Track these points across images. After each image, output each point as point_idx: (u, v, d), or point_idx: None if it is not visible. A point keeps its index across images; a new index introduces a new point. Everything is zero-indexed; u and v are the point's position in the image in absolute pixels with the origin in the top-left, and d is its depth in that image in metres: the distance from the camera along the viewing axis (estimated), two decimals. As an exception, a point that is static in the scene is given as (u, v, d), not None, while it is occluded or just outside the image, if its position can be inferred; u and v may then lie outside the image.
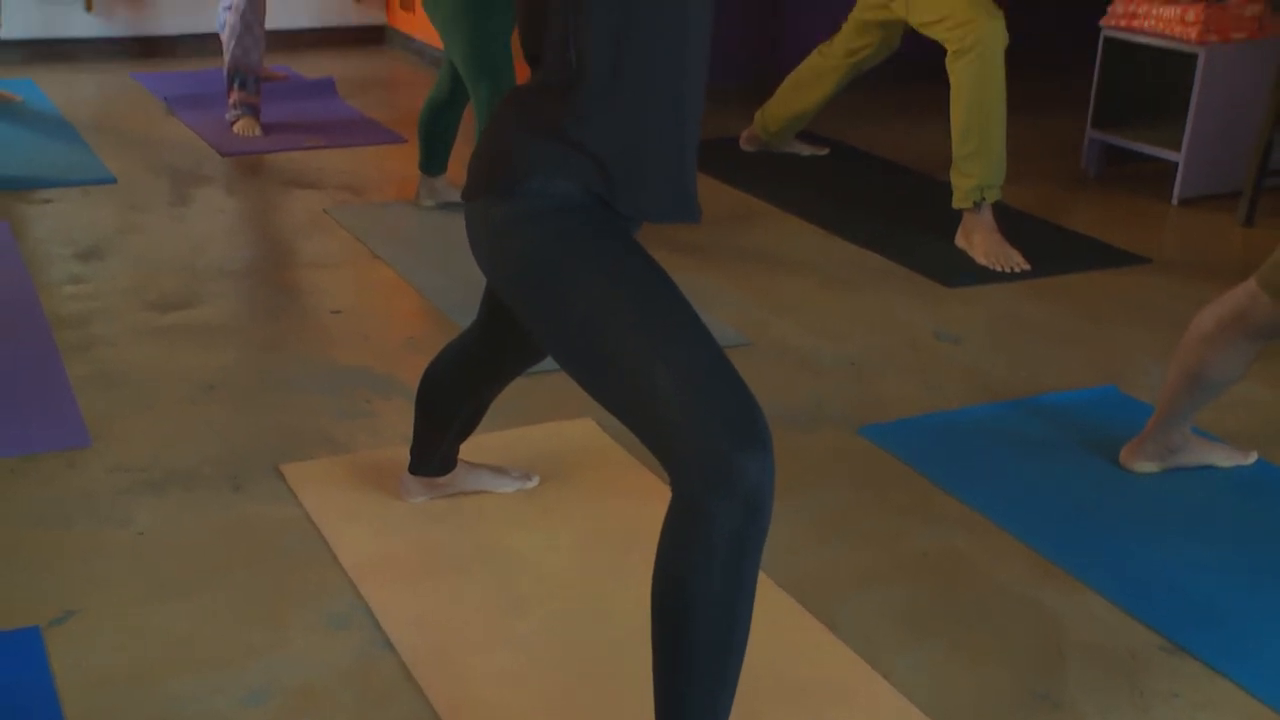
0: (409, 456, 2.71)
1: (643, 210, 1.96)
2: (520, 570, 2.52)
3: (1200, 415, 2.97)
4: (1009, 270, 4.13)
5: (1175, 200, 4.87)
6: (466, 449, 2.79)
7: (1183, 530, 2.71)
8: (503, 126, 1.95)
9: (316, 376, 3.32)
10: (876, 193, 4.94)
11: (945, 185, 4.34)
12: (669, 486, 1.81)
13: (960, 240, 4.31)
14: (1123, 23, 4.95)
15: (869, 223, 4.56)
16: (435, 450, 2.67)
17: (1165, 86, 5.05)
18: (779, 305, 3.86)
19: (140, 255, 4.14)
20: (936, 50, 4.29)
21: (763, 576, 2.35)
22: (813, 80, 5.03)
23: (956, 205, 4.28)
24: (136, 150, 5.25)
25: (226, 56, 5.43)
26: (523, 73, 1.95)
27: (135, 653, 2.25)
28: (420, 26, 6.91)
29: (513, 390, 2.72)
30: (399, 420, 3.05)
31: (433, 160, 4.55)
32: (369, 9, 7.41)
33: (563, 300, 1.86)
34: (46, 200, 4.61)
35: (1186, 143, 4.80)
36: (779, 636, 2.31)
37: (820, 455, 3.00)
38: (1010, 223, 4.38)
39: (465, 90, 4.28)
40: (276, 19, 6.60)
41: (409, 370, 3.22)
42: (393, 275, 4.02)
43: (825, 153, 5.40)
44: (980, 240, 4.24)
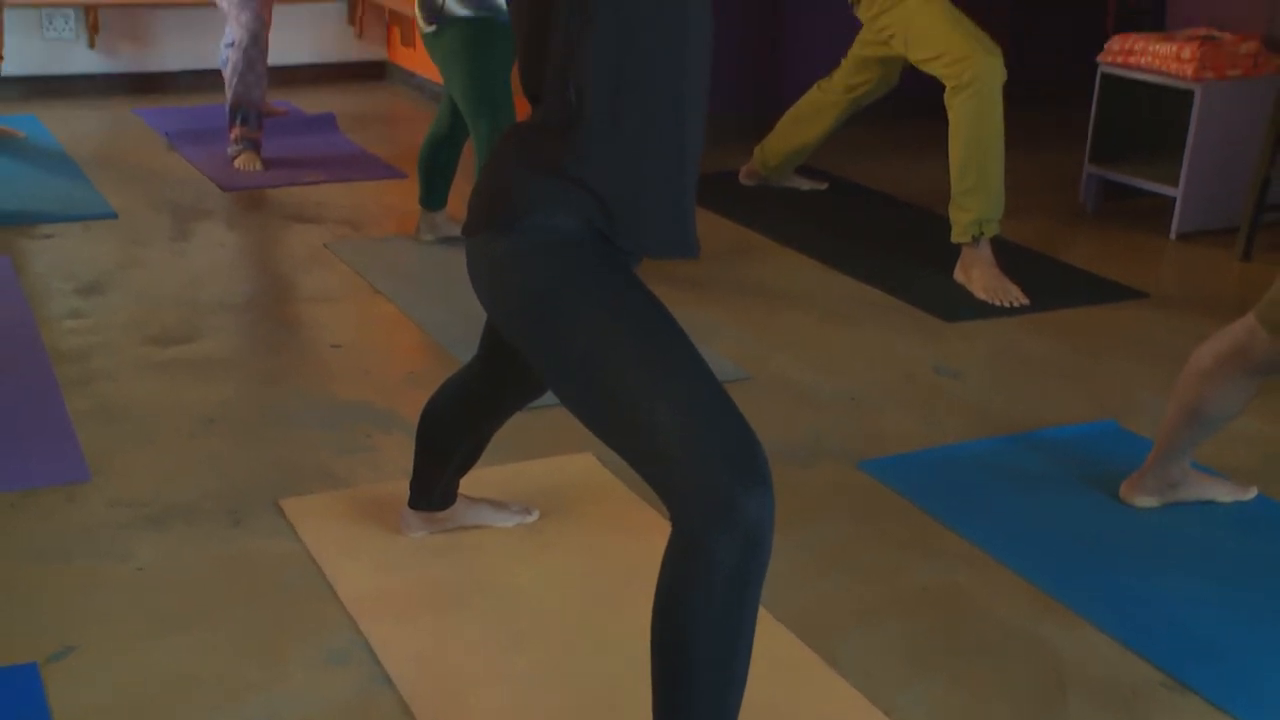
0: (409, 491, 2.71)
1: (643, 245, 1.97)
2: (520, 605, 2.52)
3: (1200, 450, 2.97)
4: (1008, 305, 4.14)
5: (1173, 235, 4.89)
6: (466, 484, 2.79)
7: (1183, 565, 2.71)
8: (503, 163, 1.96)
9: (316, 411, 3.32)
10: (876, 227, 4.96)
11: (944, 220, 4.35)
12: (669, 521, 1.81)
13: (959, 275, 4.32)
14: (1119, 59, 4.97)
15: (868, 257, 4.57)
16: (435, 485, 2.67)
17: (1162, 122, 5.08)
18: (778, 340, 3.86)
19: (141, 290, 4.15)
20: (935, 86, 4.32)
21: (762, 611, 2.34)
22: (812, 115, 5.06)
23: (955, 240, 4.29)
24: (138, 185, 5.27)
25: (229, 93, 5.46)
26: (522, 109, 1.96)
27: (134, 689, 2.25)
28: (421, 62, 6.95)
29: (513, 425, 2.72)
30: (399, 455, 3.05)
31: (433, 195, 4.57)
32: (370, 45, 7.46)
33: (563, 335, 1.87)
34: (48, 235, 4.63)
35: (1184, 178, 4.82)
36: (779, 672, 2.31)
37: (820, 490, 3.00)
38: (1009, 257, 4.40)
39: (465, 126, 4.30)
40: (278, 55, 6.62)
41: (409, 405, 3.23)
42: (393, 310, 4.03)
43: (824, 187, 5.42)
44: (979, 275, 4.25)
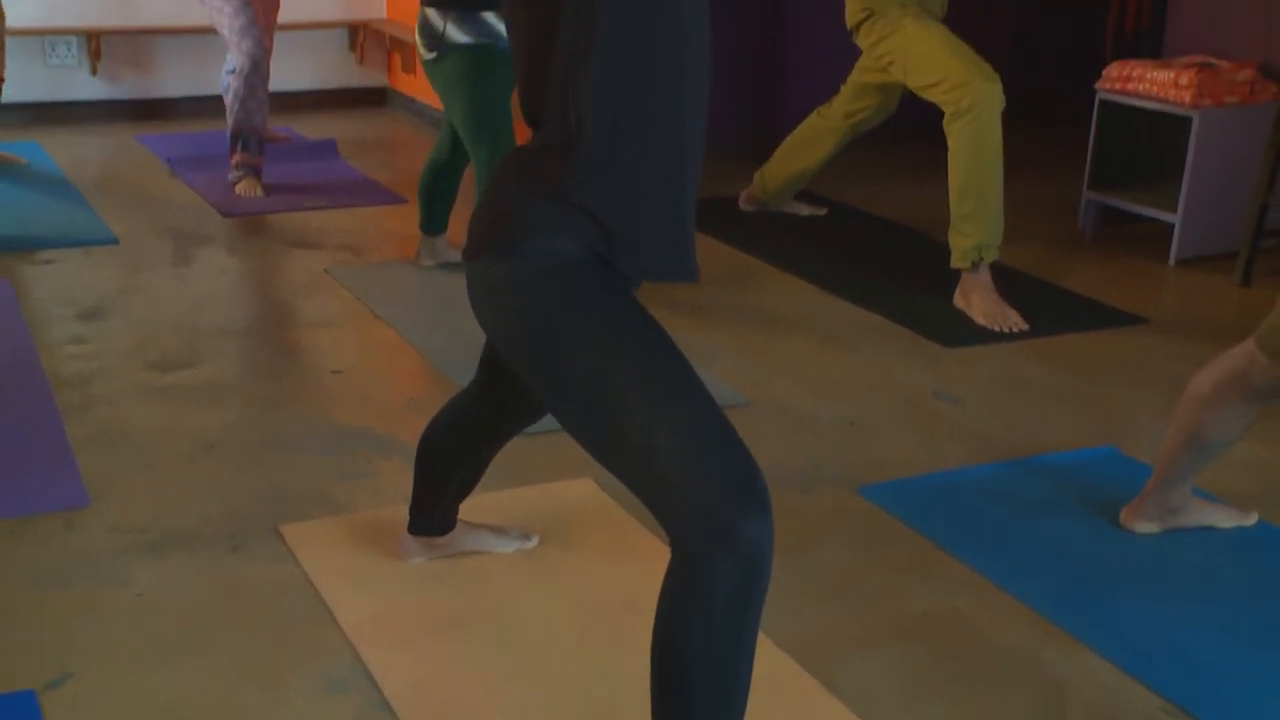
0: (408, 516, 2.71)
1: (643, 269, 1.97)
2: (520, 631, 2.52)
3: (1201, 475, 2.96)
4: (1007, 330, 4.15)
5: (1172, 261, 4.90)
6: (466, 509, 2.79)
7: (1184, 591, 2.70)
8: (503, 187, 1.97)
9: (317, 436, 3.32)
10: (875, 252, 4.97)
11: (943, 245, 4.36)
12: (669, 546, 1.80)
13: (959, 300, 4.32)
14: (1117, 86, 4.99)
15: (868, 282, 4.58)
16: (434, 510, 2.67)
17: (1160, 149, 5.09)
18: (778, 365, 3.87)
19: (142, 315, 4.15)
20: (934, 111, 4.33)
21: (762, 637, 2.34)
22: (812, 141, 5.08)
23: (954, 265, 4.30)
24: (139, 211, 5.29)
25: (230, 119, 5.48)
26: (522, 134, 1.96)
27: (132, 715, 2.24)
28: (421, 88, 6.98)
29: (512, 450, 2.72)
30: (399, 480, 3.05)
31: (433, 221, 4.58)
32: (371, 71, 7.49)
33: (563, 358, 1.87)
34: (48, 261, 4.64)
35: (1182, 204, 4.83)
36: (778, 697, 2.30)
37: (820, 515, 2.99)
38: (1008, 283, 4.40)
39: (465, 152, 4.32)
40: (280, 81, 6.66)
41: (410, 430, 3.23)
42: (393, 335, 4.04)
43: (824, 213, 5.43)
44: (978, 300, 4.25)
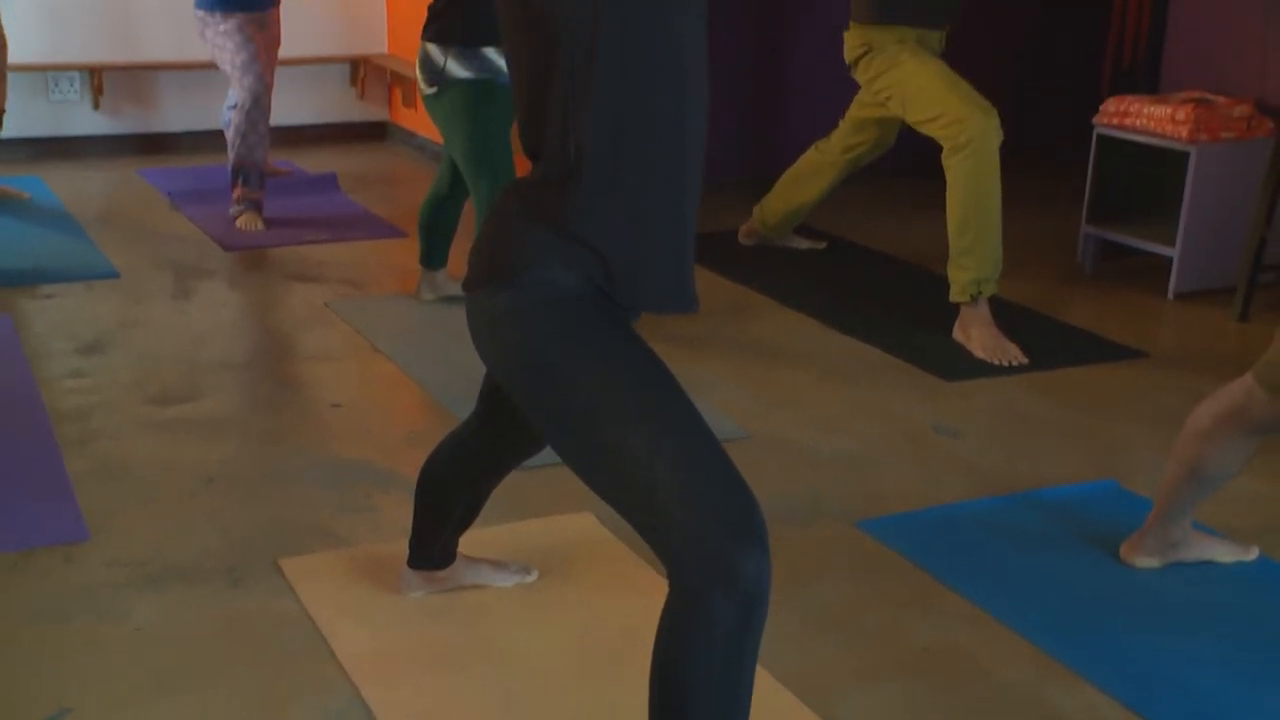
0: (408, 550, 2.71)
1: (642, 301, 1.98)
2: (519, 666, 2.51)
3: (1201, 510, 2.96)
4: (1007, 364, 4.15)
5: (1171, 295, 4.91)
6: (466, 543, 2.78)
7: (1185, 626, 2.70)
8: (503, 219, 1.98)
9: (317, 470, 3.32)
10: (874, 286, 4.98)
11: (942, 279, 4.37)
12: (667, 580, 1.80)
13: (958, 334, 4.33)
14: (1115, 121, 5.02)
15: (867, 316, 4.59)
16: (434, 543, 2.67)
17: (1158, 183, 5.11)
18: (777, 398, 3.87)
19: (142, 349, 4.16)
20: (932, 145, 4.35)
21: (761, 671, 2.34)
22: (810, 175, 5.10)
23: (954, 299, 4.31)
24: (140, 245, 5.30)
25: (231, 154, 5.50)
26: (522, 169, 1.97)
27: (130, 750, 2.23)
28: (421, 123, 7.01)
29: (511, 484, 2.72)
30: (399, 514, 3.05)
31: (433, 254, 4.59)
32: (371, 105, 7.52)
33: (563, 390, 1.87)
34: (49, 295, 4.65)
35: (1181, 238, 4.85)
36: (780, 734, 2.29)
37: (819, 549, 2.99)
38: (1007, 317, 4.41)
39: (465, 185, 4.34)
40: (281, 115, 6.69)
41: (410, 464, 3.23)
42: (394, 369, 4.04)
43: (823, 247, 5.44)
44: (978, 334, 4.26)
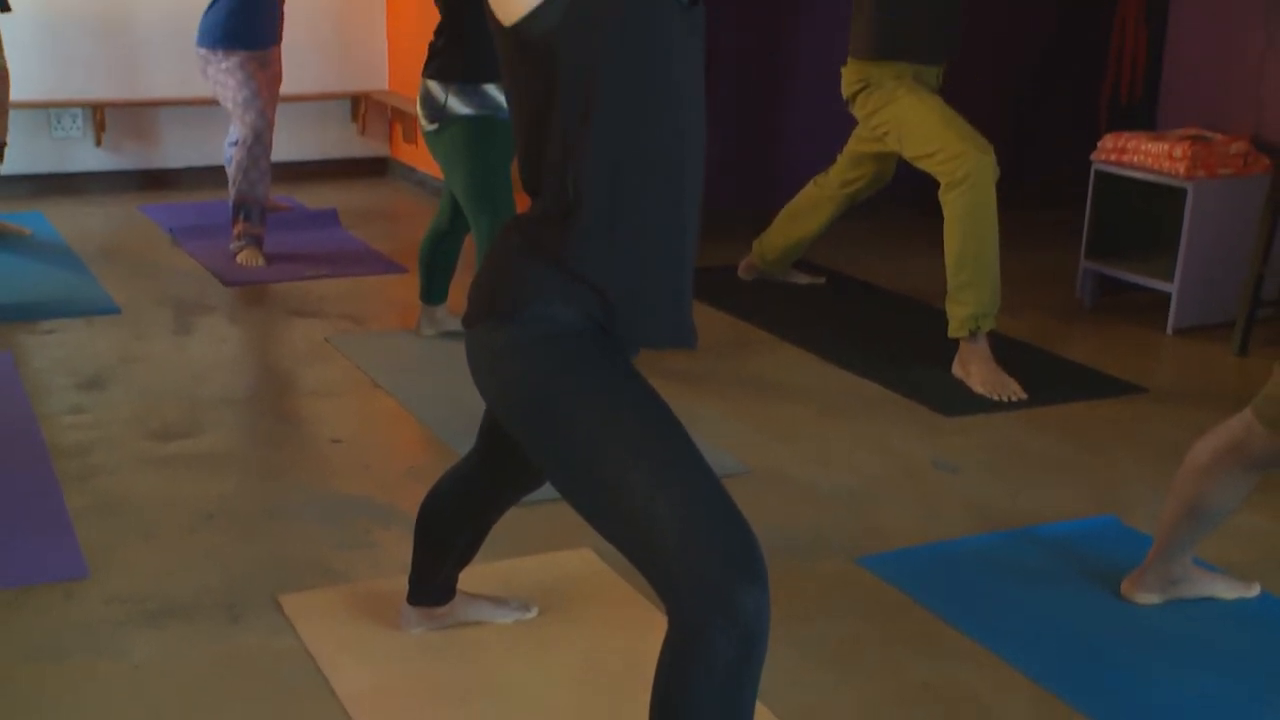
0: (408, 587, 2.70)
1: (641, 336, 1.99)
2: (519, 703, 2.50)
3: (1202, 546, 2.96)
4: (1006, 399, 4.15)
5: (1170, 330, 4.91)
6: (465, 579, 2.78)
7: (1186, 662, 2.69)
8: (503, 254, 1.99)
9: (316, 506, 3.32)
10: (873, 321, 4.99)
11: (941, 314, 4.38)
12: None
13: (957, 369, 4.33)
14: (1113, 157, 5.04)
15: (866, 351, 4.59)
16: (434, 579, 2.67)
17: (1156, 219, 5.13)
18: (777, 433, 3.87)
19: (142, 385, 4.16)
20: (930, 181, 4.37)
21: (762, 708, 2.33)
22: (809, 210, 5.12)
23: (952, 334, 4.32)
24: (141, 280, 5.31)
25: (232, 190, 5.53)
26: (523, 205, 1.99)
27: (128, 788, 2.22)
28: (422, 158, 7.04)
29: (511, 520, 2.72)
30: (399, 550, 3.04)
31: (433, 290, 4.60)
32: (372, 141, 7.55)
33: (562, 426, 1.88)
34: (50, 331, 4.65)
35: (1179, 274, 4.86)
36: (780, 771, 2.29)
37: (819, 585, 2.98)
38: (1006, 352, 4.42)
39: (465, 221, 4.35)
40: (283, 151, 6.72)
41: (410, 500, 3.22)
42: (394, 404, 4.04)
43: (822, 282, 5.46)
44: (977, 369, 4.26)
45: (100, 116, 6.81)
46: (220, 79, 5.46)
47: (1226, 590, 2.94)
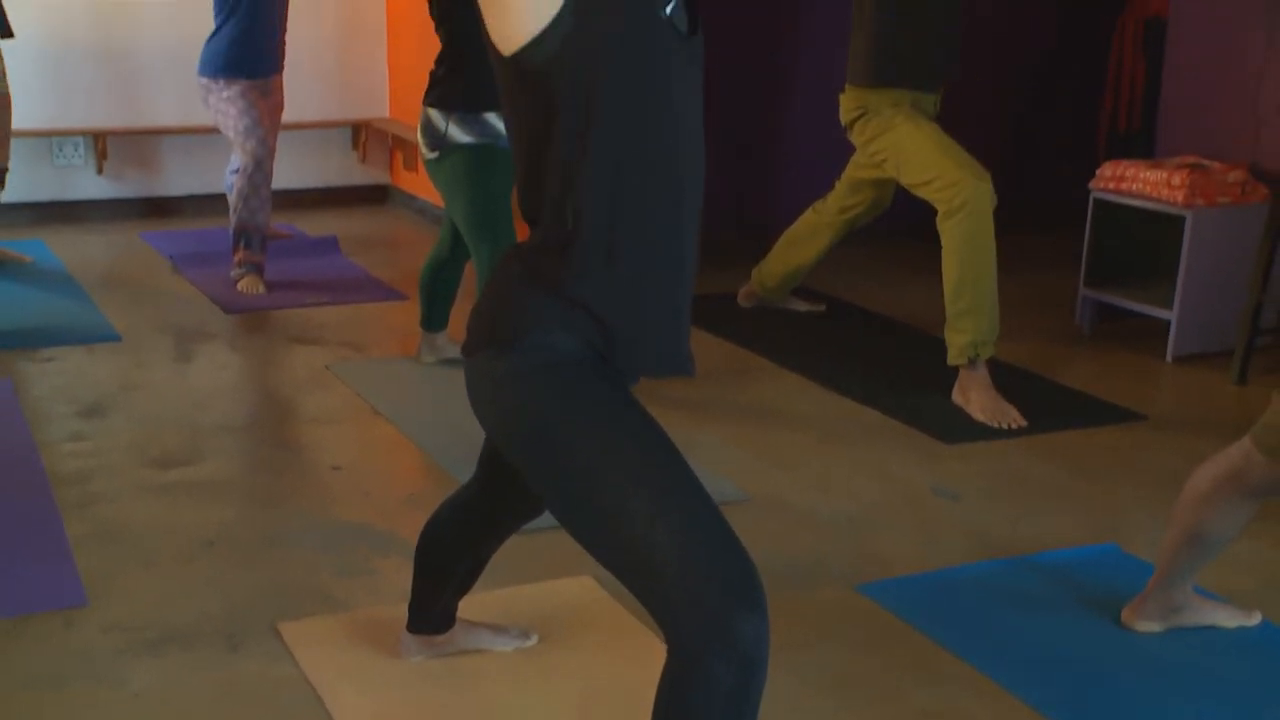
0: (407, 615, 2.70)
1: (639, 365, 1.99)
2: (518, 731, 2.49)
3: (1203, 574, 2.95)
4: (1006, 427, 4.16)
5: (1169, 357, 4.92)
6: (465, 607, 2.78)
7: (1187, 691, 2.69)
8: (503, 283, 1.99)
9: (316, 533, 3.32)
10: (873, 349, 5.00)
11: (940, 341, 4.39)
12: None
13: (957, 396, 4.34)
14: (1111, 185, 5.06)
15: (866, 378, 4.60)
16: (434, 607, 2.66)
17: (1155, 246, 5.14)
18: (777, 460, 3.87)
19: (143, 412, 4.16)
20: (928, 208, 4.39)
21: (763, 738, 2.32)
22: (808, 237, 5.13)
23: (952, 362, 4.32)
24: (142, 308, 5.32)
25: (233, 217, 5.54)
26: (523, 232, 2.00)
27: (126, 817, 2.22)
28: (422, 186, 7.06)
29: (510, 547, 2.72)
30: (399, 578, 3.04)
31: (434, 317, 4.61)
32: (373, 169, 7.58)
33: (561, 455, 1.88)
34: (50, 358, 4.66)
35: (1178, 302, 4.87)
36: (781, 800, 2.28)
37: (819, 612, 2.98)
38: (1006, 379, 4.42)
39: (466, 248, 4.36)
40: (283, 179, 6.74)
41: (410, 527, 3.22)
42: (394, 431, 4.05)
43: (822, 309, 5.46)
44: (976, 396, 4.27)
45: (102, 145, 6.83)
46: (222, 107, 5.48)
47: (1228, 619, 2.94)
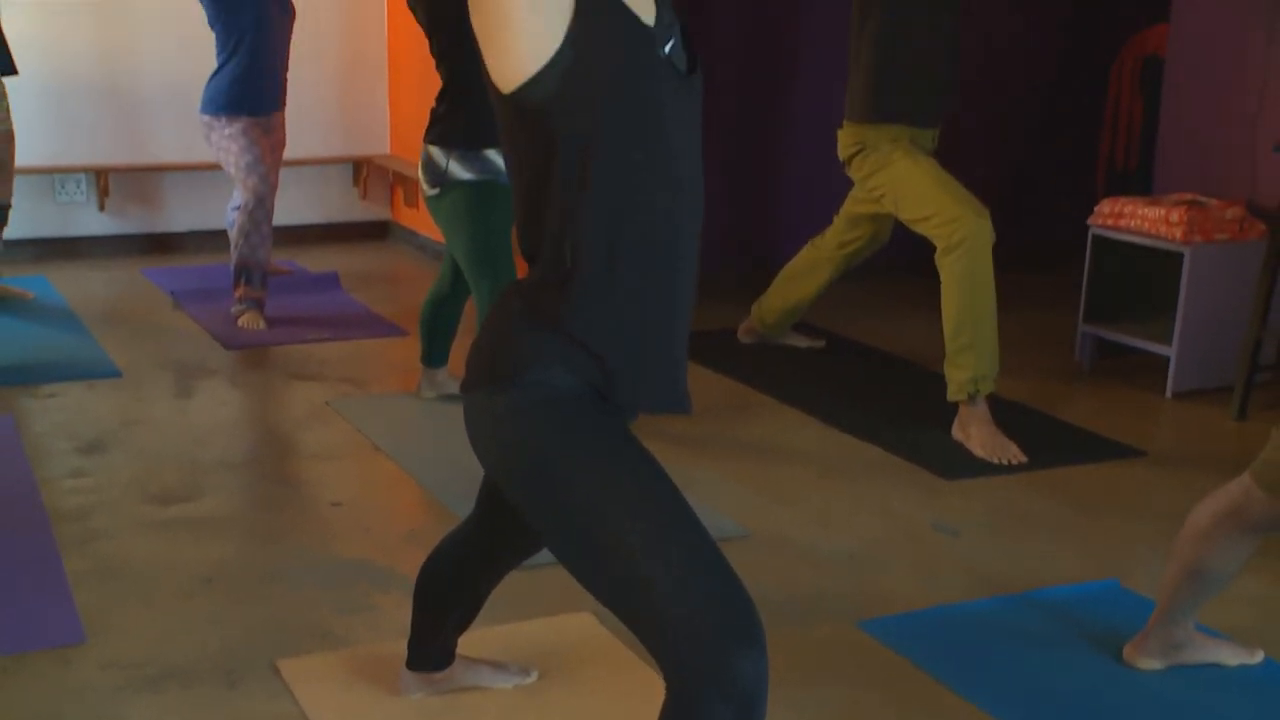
0: (407, 652, 2.69)
1: (638, 402, 1.99)
2: (518, 769, 2.48)
3: (1205, 611, 2.95)
4: (1006, 463, 4.15)
5: (1169, 394, 4.92)
6: (464, 644, 2.77)
7: (1189, 727, 2.68)
8: (502, 319, 2.00)
9: (316, 570, 3.31)
10: (873, 385, 5.00)
11: (940, 377, 4.39)
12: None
13: (957, 432, 4.34)
14: (1110, 222, 5.07)
15: (866, 414, 4.60)
16: (433, 643, 2.66)
17: (1154, 282, 5.15)
18: (777, 496, 3.87)
19: (143, 448, 4.16)
20: (927, 243, 4.40)
21: (764, 776, 2.31)
22: (807, 272, 5.14)
23: (951, 398, 4.32)
24: (143, 344, 5.33)
25: (234, 254, 5.56)
26: (523, 269, 2.00)
27: None
28: (423, 222, 7.08)
29: (510, 584, 2.71)
30: (399, 614, 3.03)
31: (434, 353, 4.62)
32: (374, 205, 7.60)
33: (560, 492, 1.88)
34: (51, 394, 4.66)
35: (1177, 338, 4.87)
36: (781, 839, 2.27)
37: (820, 649, 2.97)
38: (1006, 415, 4.42)
39: (466, 285, 4.37)
40: (285, 215, 6.76)
41: (409, 563, 3.22)
42: (394, 468, 4.04)
43: (822, 344, 5.47)
44: (976, 432, 4.27)
45: (104, 181, 6.86)
46: (223, 144, 5.51)
47: (1230, 656, 2.93)
